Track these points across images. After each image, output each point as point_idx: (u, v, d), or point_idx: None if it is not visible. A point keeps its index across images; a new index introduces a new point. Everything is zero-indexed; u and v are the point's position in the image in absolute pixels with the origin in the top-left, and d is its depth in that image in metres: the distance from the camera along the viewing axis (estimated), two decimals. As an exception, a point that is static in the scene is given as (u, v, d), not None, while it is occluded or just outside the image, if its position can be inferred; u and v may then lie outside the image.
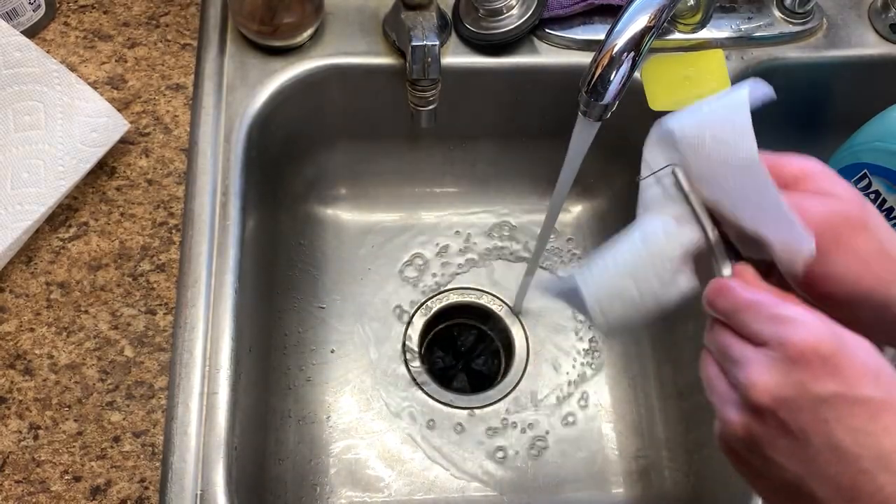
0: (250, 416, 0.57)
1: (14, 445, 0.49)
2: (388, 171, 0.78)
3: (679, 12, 0.66)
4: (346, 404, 0.70)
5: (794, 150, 0.57)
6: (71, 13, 0.64)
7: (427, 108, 0.64)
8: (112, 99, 0.60)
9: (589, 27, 0.66)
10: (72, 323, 0.53)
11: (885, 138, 0.61)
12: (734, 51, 0.68)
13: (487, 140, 0.76)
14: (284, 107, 0.65)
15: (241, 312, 0.56)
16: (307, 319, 0.73)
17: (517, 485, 0.68)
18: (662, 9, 0.45)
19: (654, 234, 0.38)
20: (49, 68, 0.55)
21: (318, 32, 0.65)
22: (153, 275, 0.55)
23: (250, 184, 0.60)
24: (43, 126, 0.55)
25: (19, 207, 0.53)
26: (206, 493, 0.49)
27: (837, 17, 0.70)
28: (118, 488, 0.48)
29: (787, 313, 0.31)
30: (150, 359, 0.52)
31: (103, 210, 0.57)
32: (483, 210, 0.80)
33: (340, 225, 0.79)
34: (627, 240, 0.39)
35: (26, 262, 0.54)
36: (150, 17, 0.65)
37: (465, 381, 0.75)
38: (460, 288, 0.76)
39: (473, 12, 0.64)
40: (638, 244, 0.39)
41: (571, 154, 0.53)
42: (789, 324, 0.31)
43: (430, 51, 0.59)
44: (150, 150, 0.59)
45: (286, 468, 0.66)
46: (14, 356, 0.51)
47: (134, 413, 0.50)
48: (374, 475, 0.68)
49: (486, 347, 0.77)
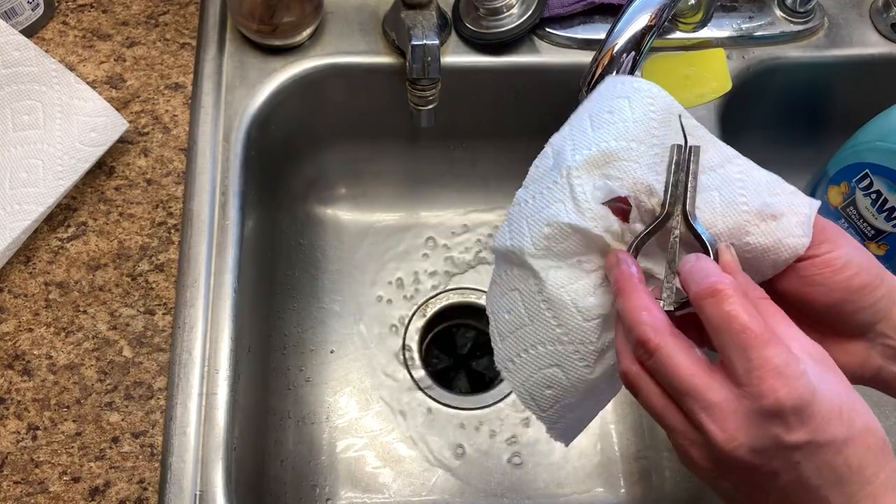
0: (250, 417, 0.57)
1: (13, 446, 0.49)
2: (388, 170, 0.78)
3: (680, 11, 0.66)
4: (345, 405, 0.70)
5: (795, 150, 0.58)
6: (70, 12, 0.64)
7: (427, 107, 0.64)
8: (111, 98, 0.60)
9: (589, 26, 0.66)
10: (70, 323, 0.53)
11: (886, 138, 0.61)
12: (735, 50, 0.67)
13: (487, 140, 0.76)
14: (284, 106, 0.65)
15: (241, 312, 0.55)
16: (307, 319, 0.73)
17: (517, 485, 0.68)
18: (663, 8, 0.45)
19: (570, 314, 0.37)
20: (48, 67, 0.55)
21: (318, 31, 0.65)
22: (152, 275, 0.55)
23: (250, 183, 0.60)
24: (41, 125, 0.55)
25: (18, 207, 0.53)
26: (206, 493, 0.49)
27: (839, 17, 0.70)
28: (117, 489, 0.48)
29: (769, 355, 0.31)
30: (149, 359, 0.52)
31: (102, 210, 0.57)
32: (483, 210, 0.80)
33: (340, 225, 0.78)
34: (541, 321, 0.37)
35: (25, 262, 0.54)
36: (149, 16, 0.65)
37: (465, 382, 0.75)
38: (460, 288, 0.76)
39: (473, 11, 0.64)
40: (555, 330, 0.37)
41: (572, 154, 0.52)
42: (770, 375, 0.31)
43: (429, 50, 0.59)
44: (148, 150, 0.59)
45: (286, 468, 0.66)
46: (13, 356, 0.51)
47: (133, 413, 0.50)
48: (374, 476, 0.67)
49: (486, 348, 0.77)
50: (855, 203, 0.64)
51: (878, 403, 0.72)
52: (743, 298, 0.32)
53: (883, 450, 0.32)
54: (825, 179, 0.67)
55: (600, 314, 0.36)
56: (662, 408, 0.34)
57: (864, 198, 0.63)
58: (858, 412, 0.32)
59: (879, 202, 0.62)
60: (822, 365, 0.33)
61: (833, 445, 0.31)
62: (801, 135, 0.76)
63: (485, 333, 0.77)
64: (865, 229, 0.64)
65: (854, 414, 0.32)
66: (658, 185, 0.36)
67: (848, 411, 0.31)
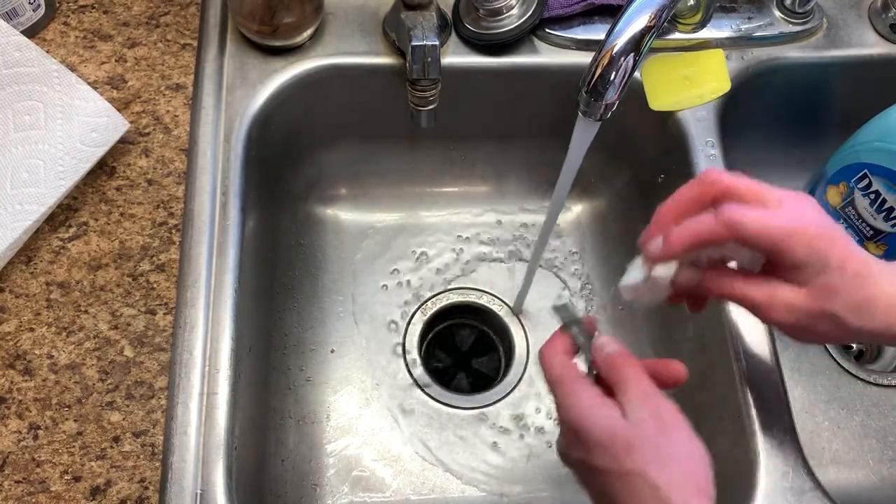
0: (250, 417, 0.57)
1: (14, 445, 0.49)
2: (388, 171, 0.78)
3: (679, 12, 0.66)
4: (345, 404, 0.70)
5: (794, 150, 0.58)
6: (71, 13, 0.64)
7: (427, 108, 0.64)
8: (112, 99, 0.60)
9: (589, 27, 0.66)
10: (71, 323, 0.53)
11: (885, 138, 0.61)
12: (734, 51, 0.68)
13: (487, 140, 0.76)
14: (284, 106, 0.65)
15: (241, 312, 0.56)
16: (307, 319, 0.73)
17: (517, 484, 0.68)
18: (662, 9, 0.45)
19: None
20: (49, 68, 0.55)
21: (318, 32, 0.65)
22: (153, 275, 0.55)
23: (250, 184, 0.60)
24: (43, 126, 0.55)
25: (19, 207, 0.53)
26: (206, 493, 0.49)
27: (837, 17, 0.70)
28: (118, 488, 0.48)
29: (562, 397, 0.43)
30: (150, 359, 0.52)
31: (103, 210, 0.57)
32: (483, 210, 0.80)
33: (340, 225, 0.79)
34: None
35: (26, 262, 0.54)
36: (150, 16, 0.65)
37: (465, 382, 0.75)
38: (460, 288, 0.76)
39: (473, 12, 0.64)
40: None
41: (571, 154, 0.53)
42: (563, 409, 0.43)
43: (430, 51, 0.59)
44: (149, 150, 0.59)
45: (286, 468, 0.66)
46: (14, 356, 0.51)
47: (134, 413, 0.50)
48: (374, 475, 0.68)
49: (486, 347, 0.77)
50: (854, 203, 0.64)
51: (878, 403, 0.72)
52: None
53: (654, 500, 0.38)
54: (824, 180, 0.67)
55: None
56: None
57: (862, 198, 0.63)
58: (636, 457, 0.38)
59: (878, 202, 0.62)
60: (643, 410, 0.40)
61: (598, 471, 0.40)
62: (799, 135, 0.76)
63: (485, 333, 0.78)
64: (864, 229, 0.65)
65: (626, 455, 0.38)
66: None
67: (617, 446, 0.39)
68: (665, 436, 0.39)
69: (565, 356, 0.45)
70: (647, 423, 0.39)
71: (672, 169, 0.67)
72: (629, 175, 0.76)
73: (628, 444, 0.39)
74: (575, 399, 0.42)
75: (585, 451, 0.41)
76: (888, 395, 0.73)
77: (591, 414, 0.40)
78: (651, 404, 0.40)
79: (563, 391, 0.43)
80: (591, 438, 0.40)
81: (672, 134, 0.66)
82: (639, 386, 0.41)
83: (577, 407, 0.41)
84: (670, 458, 0.38)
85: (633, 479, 0.38)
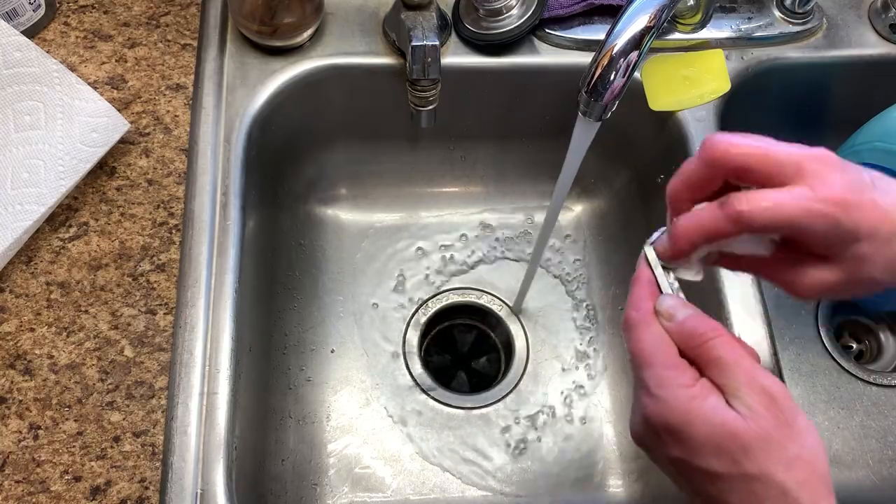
0: (250, 416, 0.57)
1: (14, 445, 0.49)
2: (388, 171, 0.78)
3: (679, 12, 0.66)
4: (345, 404, 0.70)
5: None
6: (71, 13, 0.64)
7: (427, 108, 0.64)
8: (112, 99, 0.60)
9: (589, 27, 0.66)
10: (72, 323, 0.53)
11: (885, 138, 0.61)
12: (734, 51, 0.68)
13: (487, 140, 0.76)
14: (284, 107, 0.65)
15: (241, 312, 0.56)
16: (307, 319, 0.73)
17: (517, 484, 0.68)
18: (662, 9, 0.45)
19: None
20: (49, 68, 0.55)
21: (318, 32, 0.66)
22: (153, 275, 0.55)
23: (250, 184, 0.60)
24: (43, 126, 0.55)
25: (19, 207, 0.53)
26: (206, 492, 0.49)
27: (837, 17, 0.70)
28: (118, 488, 0.48)
29: (651, 384, 0.36)
30: (151, 359, 0.52)
31: (103, 210, 0.57)
32: (483, 210, 0.80)
33: (340, 225, 0.79)
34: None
35: (26, 262, 0.54)
36: (151, 17, 0.65)
37: (465, 382, 0.75)
38: (460, 288, 0.76)
39: (473, 12, 0.64)
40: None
41: (571, 154, 0.53)
42: (650, 398, 0.36)
43: (430, 51, 0.59)
44: (150, 150, 0.59)
45: (286, 467, 0.66)
46: (14, 356, 0.51)
47: (134, 413, 0.50)
48: (374, 475, 0.68)
49: (486, 347, 0.77)
50: (854, 203, 0.64)
51: (878, 403, 0.72)
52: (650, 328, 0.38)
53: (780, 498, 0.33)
54: (824, 180, 0.67)
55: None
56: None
57: (862, 198, 0.63)
58: (757, 458, 0.33)
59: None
60: (759, 402, 0.34)
61: (706, 473, 0.34)
62: (800, 135, 0.75)
63: (485, 333, 0.78)
64: (864, 229, 0.64)
65: (745, 456, 0.33)
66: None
67: (728, 450, 0.34)
68: (787, 428, 0.34)
69: (659, 330, 0.37)
70: (763, 417, 0.34)
71: (672, 169, 0.66)
72: (629, 175, 0.76)
73: (746, 444, 0.34)
74: (671, 391, 0.35)
75: (687, 450, 0.35)
76: (888, 395, 0.73)
77: (693, 409, 0.34)
78: (761, 390, 0.34)
79: (654, 378, 0.36)
80: (697, 438, 0.34)
81: (672, 134, 0.66)
82: (741, 366, 0.35)
83: (675, 401, 0.35)
84: (796, 455, 0.33)
85: (754, 484, 0.33)
